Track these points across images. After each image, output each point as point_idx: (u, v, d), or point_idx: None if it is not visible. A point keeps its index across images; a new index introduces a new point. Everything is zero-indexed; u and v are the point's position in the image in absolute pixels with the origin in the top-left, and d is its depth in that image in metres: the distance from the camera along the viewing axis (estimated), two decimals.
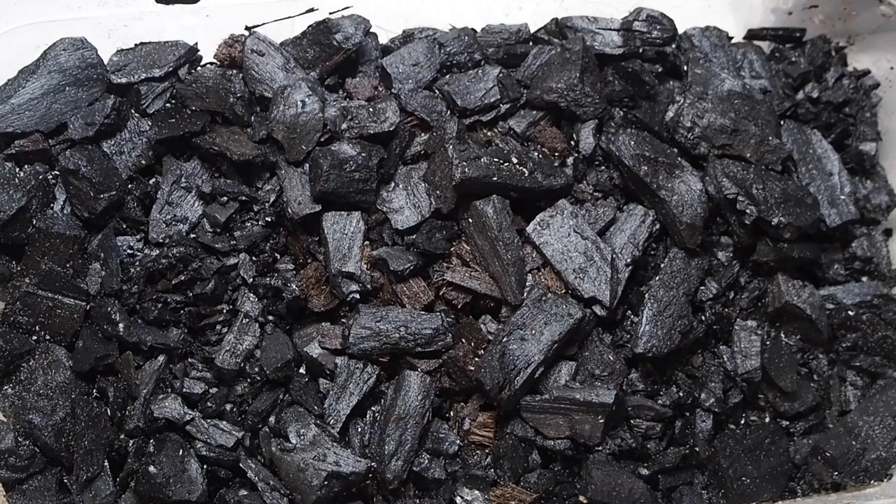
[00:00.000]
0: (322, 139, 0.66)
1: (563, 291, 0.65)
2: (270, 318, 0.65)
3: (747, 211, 0.66)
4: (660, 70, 0.74)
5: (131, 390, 0.62)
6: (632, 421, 0.65)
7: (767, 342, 0.68)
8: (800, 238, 0.69)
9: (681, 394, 0.66)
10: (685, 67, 0.74)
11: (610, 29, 0.73)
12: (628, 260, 0.66)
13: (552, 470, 0.64)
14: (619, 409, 0.63)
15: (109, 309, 0.62)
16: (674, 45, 0.75)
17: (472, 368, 0.62)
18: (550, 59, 0.71)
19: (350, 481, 0.60)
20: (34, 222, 0.63)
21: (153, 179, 0.67)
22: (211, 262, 0.64)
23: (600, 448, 0.63)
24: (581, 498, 0.63)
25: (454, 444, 0.63)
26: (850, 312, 0.70)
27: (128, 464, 0.61)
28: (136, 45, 0.69)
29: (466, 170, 0.64)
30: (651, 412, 0.65)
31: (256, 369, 0.63)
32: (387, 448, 0.61)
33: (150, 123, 0.67)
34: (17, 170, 0.64)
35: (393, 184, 0.67)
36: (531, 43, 0.74)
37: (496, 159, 0.65)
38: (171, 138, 0.66)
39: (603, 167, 0.69)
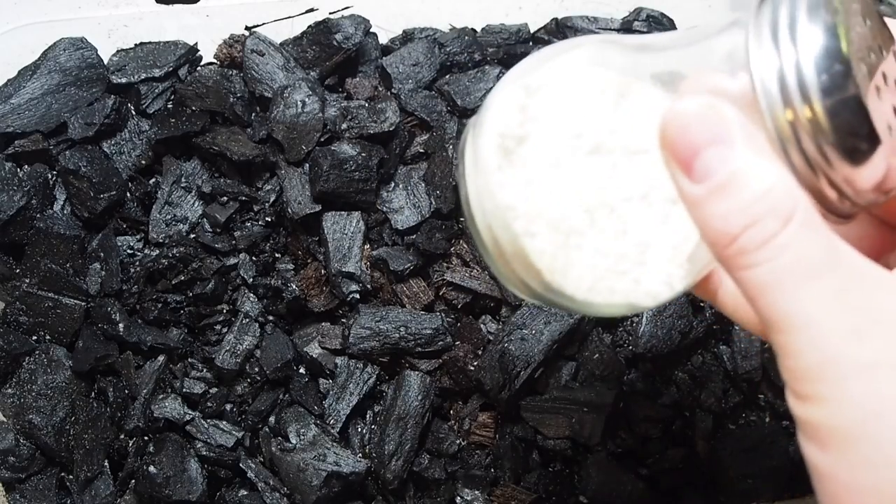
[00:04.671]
0: (322, 139, 0.66)
1: None
2: (270, 318, 0.65)
3: None
4: None
5: (131, 390, 0.62)
6: (632, 421, 0.65)
7: (767, 342, 0.68)
8: None
9: (681, 394, 0.66)
10: None
11: (610, 29, 0.73)
12: None
13: (552, 470, 0.64)
14: (619, 409, 0.63)
15: (109, 309, 0.62)
16: None
17: (472, 368, 0.62)
18: None
19: (350, 481, 0.60)
20: (34, 222, 0.63)
21: (153, 179, 0.67)
22: (211, 262, 0.64)
23: (600, 448, 0.63)
24: (581, 498, 0.63)
25: (454, 444, 0.63)
26: None
27: (128, 464, 0.61)
28: (136, 45, 0.69)
29: None
30: (651, 412, 0.65)
31: (256, 369, 0.63)
32: (387, 448, 0.61)
33: (150, 123, 0.67)
34: (18, 170, 0.64)
35: (393, 184, 0.67)
36: (531, 43, 0.74)
37: None
38: (171, 138, 0.66)
39: None
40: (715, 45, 0.33)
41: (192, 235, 0.65)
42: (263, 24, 0.70)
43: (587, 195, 0.33)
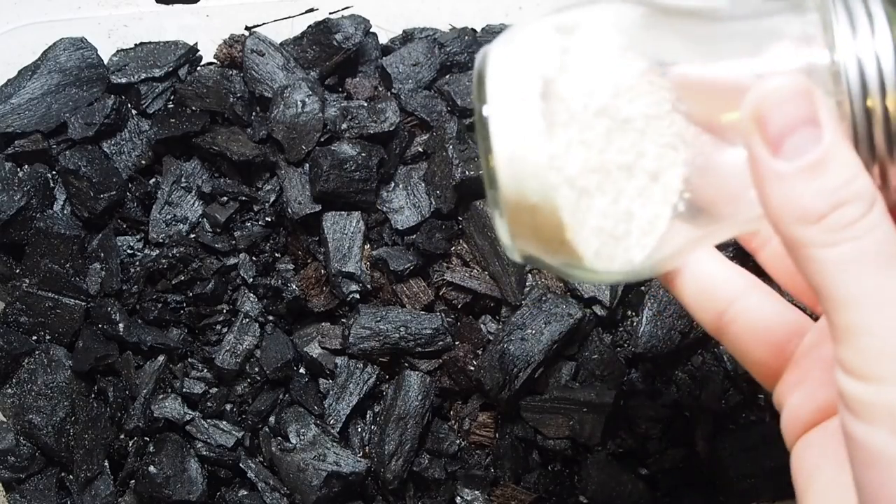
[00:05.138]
0: (322, 139, 0.66)
1: (563, 291, 0.65)
2: (270, 318, 0.65)
3: None
4: None
5: (131, 390, 0.62)
6: (632, 421, 0.65)
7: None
8: None
9: (681, 394, 0.66)
10: None
11: None
12: None
13: (552, 470, 0.64)
14: (619, 409, 0.63)
15: (109, 309, 0.62)
16: None
17: (472, 368, 0.62)
18: None
19: (350, 481, 0.60)
20: (34, 222, 0.63)
21: (153, 179, 0.67)
22: (211, 262, 0.64)
23: (600, 448, 0.63)
24: (581, 498, 0.63)
25: (454, 444, 0.63)
26: None
27: (128, 464, 0.61)
28: (136, 45, 0.69)
29: (466, 170, 0.64)
30: (651, 412, 0.65)
31: (256, 369, 0.63)
32: (387, 448, 0.61)
33: (150, 123, 0.67)
34: (17, 170, 0.64)
35: (393, 184, 0.67)
36: None
37: None
38: (171, 138, 0.66)
39: None
40: (774, 27, 0.33)
41: (192, 235, 0.65)
42: (263, 24, 0.70)
43: (593, 156, 0.33)
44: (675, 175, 0.34)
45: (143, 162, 0.67)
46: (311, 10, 0.71)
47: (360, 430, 0.63)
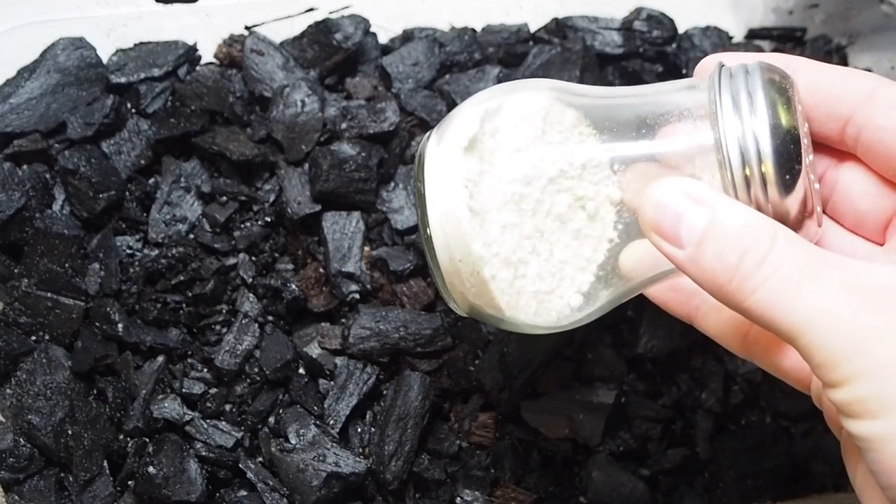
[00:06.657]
0: (322, 139, 0.66)
1: None
2: (270, 318, 0.65)
3: None
4: (660, 70, 0.73)
5: (130, 391, 0.62)
6: (632, 421, 0.65)
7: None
8: None
9: (681, 394, 0.66)
10: (685, 68, 0.74)
11: (610, 28, 0.73)
12: None
13: (552, 470, 0.64)
14: (619, 409, 0.63)
15: (108, 309, 0.62)
16: (674, 45, 0.75)
17: (472, 369, 0.62)
18: (551, 58, 0.71)
19: (350, 482, 0.59)
20: (33, 222, 0.63)
21: (152, 179, 0.67)
22: (210, 263, 0.64)
23: (600, 449, 0.63)
24: (581, 498, 0.63)
25: (454, 444, 0.63)
26: None
27: (127, 464, 0.61)
28: (135, 44, 0.69)
29: None
30: (651, 412, 0.65)
31: (256, 369, 0.63)
32: (387, 448, 0.60)
33: (149, 123, 0.67)
34: (17, 169, 0.64)
35: (393, 184, 0.67)
36: (531, 42, 0.74)
37: None
38: (170, 138, 0.66)
39: None
40: (672, 102, 0.38)
41: (192, 235, 0.65)
42: (263, 23, 0.70)
43: (526, 224, 0.37)
44: (609, 210, 0.38)
45: (143, 162, 0.66)
46: (311, 9, 0.71)
47: (359, 430, 0.63)
